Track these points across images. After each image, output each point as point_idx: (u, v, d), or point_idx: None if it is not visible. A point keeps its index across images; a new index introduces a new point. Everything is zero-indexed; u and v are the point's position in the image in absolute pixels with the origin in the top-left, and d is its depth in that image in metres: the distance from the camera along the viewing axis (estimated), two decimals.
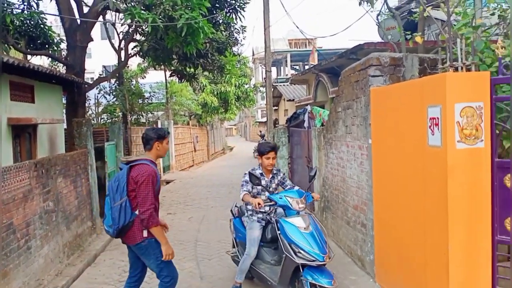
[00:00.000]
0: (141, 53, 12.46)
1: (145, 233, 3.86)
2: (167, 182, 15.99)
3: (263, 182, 4.75)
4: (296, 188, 4.87)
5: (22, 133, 7.34)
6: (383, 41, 10.03)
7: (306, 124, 10.05)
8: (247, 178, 4.75)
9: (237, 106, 27.93)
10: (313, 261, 4.10)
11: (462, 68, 3.67)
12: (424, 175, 3.92)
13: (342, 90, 6.34)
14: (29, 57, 12.99)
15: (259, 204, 4.38)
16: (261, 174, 4.89)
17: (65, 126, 9.93)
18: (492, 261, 3.59)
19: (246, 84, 27.57)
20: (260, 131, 28.16)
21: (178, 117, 22.28)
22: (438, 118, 3.59)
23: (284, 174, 5.15)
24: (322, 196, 7.59)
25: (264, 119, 38.03)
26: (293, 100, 19.86)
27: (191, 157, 23.39)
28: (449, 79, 3.48)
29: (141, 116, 17.62)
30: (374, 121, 5.08)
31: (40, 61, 16.93)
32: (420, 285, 4.06)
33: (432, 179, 3.79)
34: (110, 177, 9.87)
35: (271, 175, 4.94)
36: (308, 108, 10.09)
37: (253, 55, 40.21)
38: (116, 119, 15.98)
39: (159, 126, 17.88)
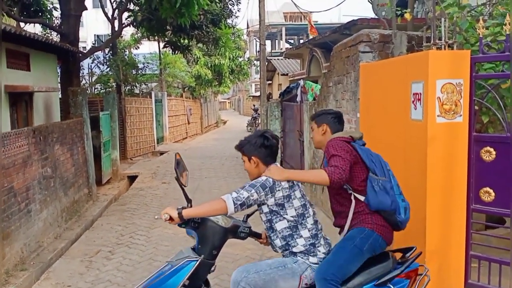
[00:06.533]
0: (134, 23, 12.38)
1: None
2: (161, 153, 16.19)
3: None
4: None
5: (19, 100, 7.44)
6: (376, 17, 10.10)
7: (298, 98, 10.22)
8: None
9: (231, 79, 27.86)
10: None
11: (444, 47, 3.85)
12: (405, 146, 4.16)
13: (334, 65, 6.50)
14: (22, 24, 12.87)
15: None
16: None
17: (59, 95, 10.00)
18: (467, 228, 3.86)
19: (240, 57, 27.44)
20: (254, 105, 28.20)
21: (172, 89, 22.24)
22: (420, 94, 3.81)
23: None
24: (313, 167, 7.84)
25: (258, 93, 37.87)
26: (287, 74, 19.91)
27: (185, 129, 23.51)
28: (431, 57, 3.68)
29: (134, 87, 17.62)
30: (362, 95, 5.27)
31: (33, 29, 16.73)
32: None
33: (413, 150, 4.03)
34: (106, 147, 10.03)
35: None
36: (301, 82, 10.23)
37: (247, 27, 39.72)
38: (110, 89, 15.99)
39: (153, 97, 17.92)
